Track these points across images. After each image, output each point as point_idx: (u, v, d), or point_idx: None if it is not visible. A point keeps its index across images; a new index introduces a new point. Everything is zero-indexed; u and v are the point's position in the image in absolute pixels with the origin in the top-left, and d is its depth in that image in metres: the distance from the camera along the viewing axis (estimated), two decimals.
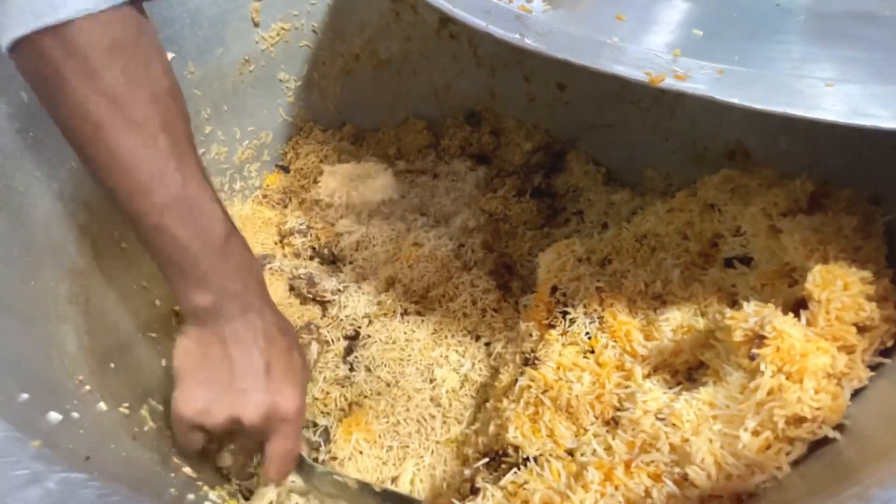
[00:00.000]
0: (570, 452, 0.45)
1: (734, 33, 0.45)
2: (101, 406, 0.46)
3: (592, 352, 0.49)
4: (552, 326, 0.53)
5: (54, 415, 0.39)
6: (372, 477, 0.56)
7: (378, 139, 0.92)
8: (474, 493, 0.47)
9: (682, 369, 0.46)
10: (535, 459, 0.45)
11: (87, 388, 0.46)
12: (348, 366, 0.65)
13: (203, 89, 0.72)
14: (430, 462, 0.57)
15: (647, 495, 0.38)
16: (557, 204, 0.83)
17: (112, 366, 0.52)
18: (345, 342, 0.67)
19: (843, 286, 0.39)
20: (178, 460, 0.50)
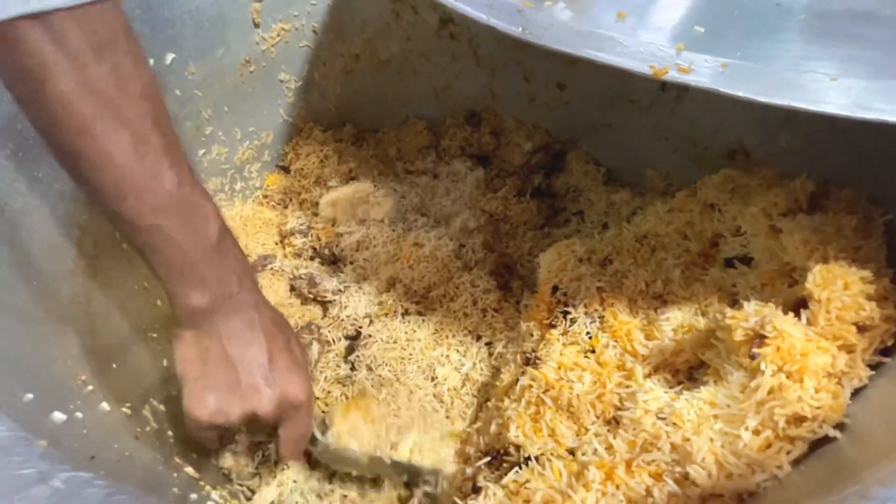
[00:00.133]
0: (572, 452, 0.45)
1: (735, 31, 0.45)
2: (104, 406, 0.46)
3: (593, 351, 0.49)
4: (553, 326, 0.53)
5: (58, 415, 0.40)
6: (369, 447, 0.55)
7: (378, 139, 0.92)
8: (476, 491, 0.47)
9: (682, 369, 0.46)
10: (537, 458, 0.45)
11: (90, 388, 0.46)
12: (349, 365, 0.65)
13: (204, 90, 0.72)
14: (429, 445, 0.56)
15: (648, 494, 0.38)
16: (558, 204, 0.83)
17: (114, 366, 0.52)
18: (346, 342, 0.67)
19: (843, 286, 0.39)
20: (180, 460, 0.50)
